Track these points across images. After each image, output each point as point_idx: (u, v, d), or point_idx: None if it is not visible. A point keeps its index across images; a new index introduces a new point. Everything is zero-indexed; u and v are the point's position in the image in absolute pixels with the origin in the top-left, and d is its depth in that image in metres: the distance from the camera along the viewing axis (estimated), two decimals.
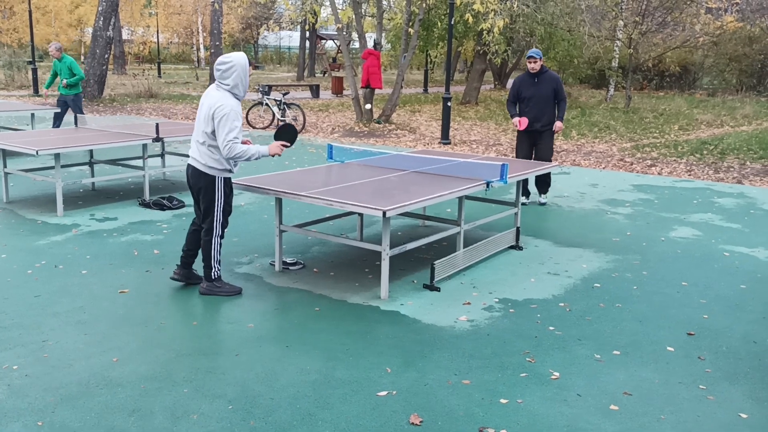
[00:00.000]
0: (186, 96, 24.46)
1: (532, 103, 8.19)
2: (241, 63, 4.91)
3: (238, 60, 4.91)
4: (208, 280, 5.18)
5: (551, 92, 8.17)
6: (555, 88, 8.17)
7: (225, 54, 5.14)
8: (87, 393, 3.67)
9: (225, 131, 4.80)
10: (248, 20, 48.24)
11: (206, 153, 4.96)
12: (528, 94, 8.20)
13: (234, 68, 4.88)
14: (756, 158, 12.44)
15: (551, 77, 8.23)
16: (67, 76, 12.15)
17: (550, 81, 8.18)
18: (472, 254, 6.00)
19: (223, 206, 5.11)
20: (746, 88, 28.20)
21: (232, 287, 5.21)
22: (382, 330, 4.59)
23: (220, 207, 5.08)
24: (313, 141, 14.43)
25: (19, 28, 40.28)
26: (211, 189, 5.01)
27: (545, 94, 8.15)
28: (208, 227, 5.11)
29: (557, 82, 8.23)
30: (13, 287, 5.25)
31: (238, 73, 4.90)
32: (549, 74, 8.25)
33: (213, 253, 5.13)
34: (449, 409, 3.58)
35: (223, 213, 5.13)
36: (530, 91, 8.19)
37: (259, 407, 3.56)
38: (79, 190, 8.91)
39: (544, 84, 8.16)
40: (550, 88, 8.15)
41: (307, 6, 18.61)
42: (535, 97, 8.16)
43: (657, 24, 22.44)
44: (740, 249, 6.74)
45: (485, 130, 16.73)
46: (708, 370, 4.10)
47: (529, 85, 8.21)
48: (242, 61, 4.93)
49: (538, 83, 8.16)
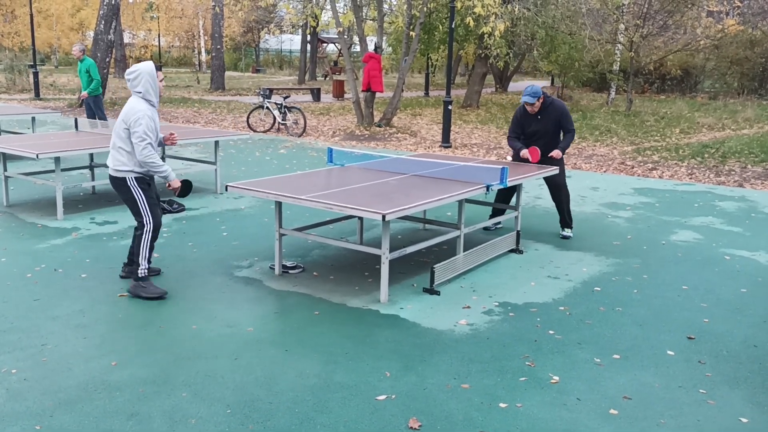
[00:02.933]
0: (187, 99, 24.49)
1: (536, 138, 7.23)
2: (146, 70, 5.15)
3: (143, 68, 5.16)
4: (135, 279, 5.20)
5: (556, 127, 7.19)
6: (560, 121, 7.15)
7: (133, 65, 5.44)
8: (85, 397, 3.66)
9: (139, 133, 5.01)
10: (249, 24, 48.24)
11: (116, 156, 5.13)
12: (532, 130, 7.26)
13: (141, 75, 5.12)
14: (757, 161, 12.42)
15: (555, 109, 7.14)
16: (84, 78, 12.39)
17: (555, 114, 7.13)
18: (472, 258, 5.99)
19: (147, 201, 5.17)
20: (748, 91, 28.18)
21: (156, 289, 5.17)
22: (382, 334, 4.58)
23: (143, 203, 5.16)
24: (314, 144, 14.44)
25: (21, 32, 40.38)
26: (126, 189, 5.14)
27: (551, 129, 7.19)
28: (138, 225, 5.23)
29: (562, 114, 7.15)
30: (13, 290, 5.24)
31: (146, 79, 5.12)
32: (553, 107, 7.15)
33: (142, 251, 5.16)
34: (448, 413, 3.57)
35: (150, 208, 5.18)
36: (533, 126, 7.23)
37: (258, 411, 3.56)
38: (80, 194, 8.91)
39: (547, 119, 7.15)
40: (554, 123, 7.16)
41: (308, 10, 18.64)
42: (540, 132, 7.21)
43: (658, 27, 22.44)
44: (741, 252, 6.72)
45: (486, 133, 16.73)
46: (708, 375, 4.08)
47: (532, 120, 7.22)
48: (148, 68, 5.17)
49: (541, 119, 7.17)
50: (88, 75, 12.43)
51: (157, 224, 5.20)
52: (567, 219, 7.29)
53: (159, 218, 5.25)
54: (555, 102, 7.19)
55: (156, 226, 5.20)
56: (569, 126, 7.18)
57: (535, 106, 7.03)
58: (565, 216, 7.28)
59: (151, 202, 5.22)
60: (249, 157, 12.24)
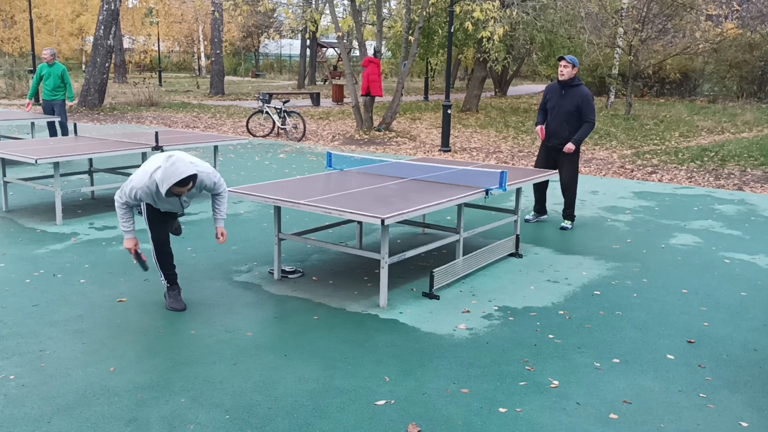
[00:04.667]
0: (187, 104, 24.51)
1: (552, 116, 7.43)
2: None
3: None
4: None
5: (574, 109, 7.27)
6: (579, 105, 7.24)
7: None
8: (84, 402, 3.65)
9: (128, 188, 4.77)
10: (249, 29, 48.37)
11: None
12: (551, 105, 7.44)
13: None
14: (757, 165, 12.43)
15: (580, 93, 7.27)
16: (56, 82, 12.32)
17: (577, 97, 7.26)
18: (471, 262, 5.99)
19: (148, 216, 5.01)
20: (747, 94, 28.22)
21: (174, 302, 5.06)
22: (381, 338, 4.57)
23: (144, 218, 5.03)
24: (313, 149, 14.44)
25: (21, 37, 40.46)
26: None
27: (568, 109, 7.30)
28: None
29: (584, 100, 7.25)
30: (12, 296, 5.24)
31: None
32: (580, 89, 7.30)
33: (156, 266, 5.09)
34: (447, 418, 3.56)
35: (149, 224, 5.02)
36: (554, 101, 7.40)
37: (257, 417, 3.55)
38: (79, 199, 8.91)
39: (569, 98, 7.28)
40: (574, 105, 7.26)
41: (307, 14, 18.66)
42: (557, 109, 7.36)
43: (657, 31, 22.47)
44: (741, 256, 6.72)
45: (485, 137, 16.73)
46: (708, 378, 4.08)
47: (556, 94, 7.39)
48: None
49: (564, 95, 7.31)
50: (62, 79, 12.38)
51: (155, 240, 5.05)
52: (571, 212, 7.61)
53: (160, 234, 5.06)
54: (583, 86, 7.32)
55: (154, 242, 5.05)
56: (590, 115, 7.22)
57: (567, 69, 7.14)
58: (572, 209, 7.61)
59: (153, 218, 5.03)
60: (248, 162, 12.24)
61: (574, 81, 7.28)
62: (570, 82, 7.29)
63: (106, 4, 21.04)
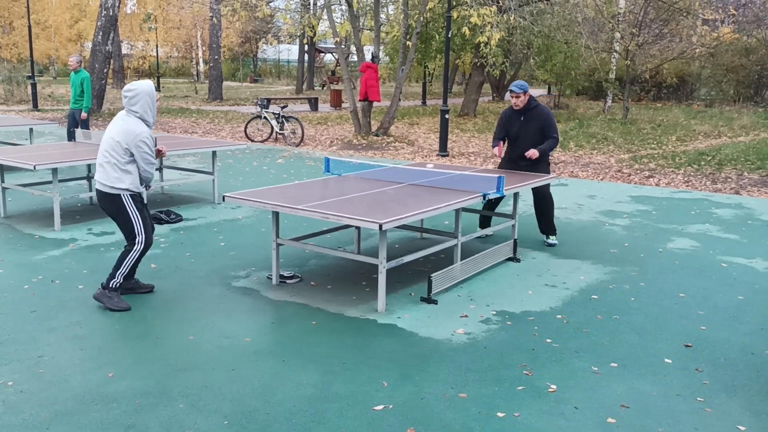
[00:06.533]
0: (185, 110, 24.52)
1: (518, 143, 7.16)
2: (146, 90, 5.11)
3: (143, 88, 5.11)
4: (105, 287, 5.17)
5: (538, 132, 7.04)
6: (542, 127, 7.02)
7: (131, 82, 5.35)
8: (82, 409, 3.65)
9: (146, 156, 5.08)
10: (247, 34, 48.39)
11: (109, 172, 5.09)
12: (513, 134, 7.18)
13: (140, 95, 5.08)
14: (753, 168, 12.46)
15: (539, 114, 7.04)
16: (77, 90, 12.26)
17: (540, 119, 7.03)
18: (469, 267, 5.99)
19: (142, 220, 5.18)
20: (743, 98, 28.29)
21: (122, 303, 5.13)
22: (379, 343, 4.57)
23: (138, 222, 5.16)
24: (311, 154, 14.46)
25: (19, 43, 40.50)
26: (120, 206, 5.13)
27: (533, 132, 7.05)
28: (130, 243, 5.22)
29: (546, 120, 7.03)
30: (10, 302, 5.24)
31: (145, 100, 5.09)
32: (538, 110, 7.06)
33: (124, 266, 5.16)
34: (446, 423, 3.56)
35: (144, 227, 5.19)
36: (516, 128, 7.14)
37: (255, 422, 3.55)
38: (77, 205, 8.91)
39: (532, 121, 7.05)
40: (537, 127, 7.03)
41: (305, 20, 18.71)
42: (521, 137, 7.11)
43: (654, 36, 22.53)
44: (738, 260, 6.73)
45: (483, 142, 16.76)
46: (706, 382, 4.08)
47: (515, 122, 7.14)
48: (148, 88, 5.13)
49: (525, 121, 7.08)
50: (81, 88, 12.30)
51: (148, 244, 5.23)
52: (552, 226, 7.25)
53: (151, 238, 5.26)
54: (541, 107, 7.14)
55: (147, 246, 5.22)
56: (552, 133, 7.04)
57: (520, 99, 6.97)
58: (551, 224, 7.24)
59: (146, 223, 5.22)
60: (246, 167, 12.25)
61: (531, 104, 7.07)
62: (528, 107, 7.07)
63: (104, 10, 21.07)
